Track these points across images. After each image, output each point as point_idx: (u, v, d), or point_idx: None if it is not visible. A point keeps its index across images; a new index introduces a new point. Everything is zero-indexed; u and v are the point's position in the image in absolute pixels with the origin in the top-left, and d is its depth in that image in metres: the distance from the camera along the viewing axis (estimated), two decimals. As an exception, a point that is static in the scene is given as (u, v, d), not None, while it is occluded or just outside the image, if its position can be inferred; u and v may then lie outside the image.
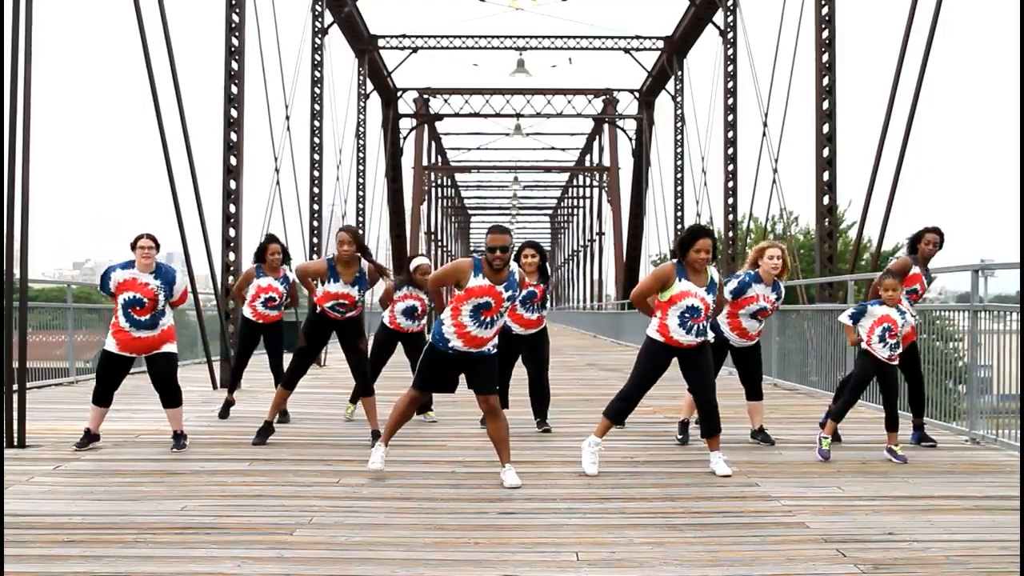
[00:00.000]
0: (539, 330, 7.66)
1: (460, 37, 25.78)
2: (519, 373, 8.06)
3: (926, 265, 7.07)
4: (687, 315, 5.77)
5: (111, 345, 6.63)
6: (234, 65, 12.85)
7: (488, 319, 5.55)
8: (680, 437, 7.07)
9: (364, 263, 7.02)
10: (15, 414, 6.85)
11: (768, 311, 6.93)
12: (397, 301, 8.07)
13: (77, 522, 4.61)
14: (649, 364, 5.92)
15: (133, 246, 6.67)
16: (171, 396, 6.74)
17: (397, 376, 9.25)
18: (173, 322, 6.86)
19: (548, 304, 7.71)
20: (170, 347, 6.75)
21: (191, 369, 13.82)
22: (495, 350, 5.73)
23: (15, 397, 7.01)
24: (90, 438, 6.73)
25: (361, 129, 26.05)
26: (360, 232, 7.16)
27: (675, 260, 5.92)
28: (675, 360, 6.00)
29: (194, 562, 3.95)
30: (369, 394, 7.12)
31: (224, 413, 8.54)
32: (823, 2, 13.55)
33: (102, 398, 6.72)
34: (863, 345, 6.45)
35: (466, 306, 5.53)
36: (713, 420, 5.90)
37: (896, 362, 6.44)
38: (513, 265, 5.69)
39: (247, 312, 8.50)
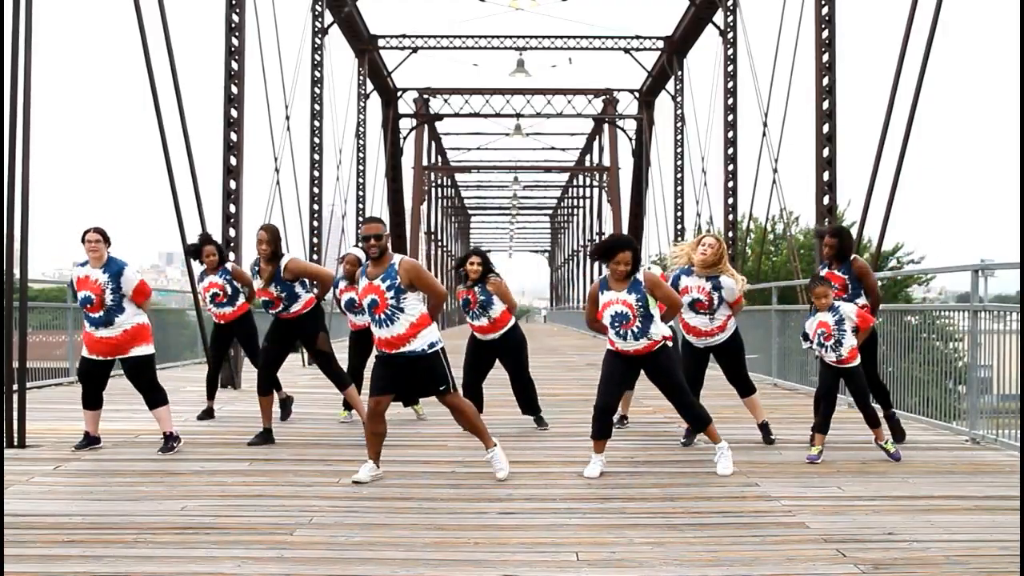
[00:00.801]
0: (504, 332, 7.63)
1: (460, 37, 25.78)
2: (500, 376, 8.05)
3: (835, 261, 6.98)
4: (616, 322, 5.78)
5: (84, 349, 6.65)
6: (234, 65, 12.84)
7: (380, 316, 5.58)
8: (684, 440, 7.03)
9: (282, 262, 7.12)
10: (15, 414, 6.85)
11: (703, 302, 6.77)
12: (338, 297, 8.19)
13: (77, 522, 4.61)
14: (605, 370, 5.97)
15: (82, 240, 6.58)
16: (152, 398, 6.66)
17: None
18: (144, 322, 6.67)
19: (496, 305, 7.52)
20: (140, 350, 6.59)
21: (191, 369, 13.82)
22: (431, 349, 5.64)
23: (15, 397, 7.01)
24: (90, 440, 6.71)
25: (361, 129, 26.06)
26: (277, 230, 7.25)
27: (600, 276, 6.03)
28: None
29: (194, 562, 3.95)
30: (347, 385, 7.35)
31: (202, 418, 8.43)
32: (823, 2, 13.54)
33: (89, 401, 6.70)
34: (816, 353, 6.56)
35: (365, 308, 5.70)
36: (696, 418, 5.96)
37: (853, 361, 6.41)
38: (397, 257, 5.63)
39: (209, 316, 8.72)
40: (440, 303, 5.81)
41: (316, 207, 20.05)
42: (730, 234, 19.45)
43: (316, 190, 20.05)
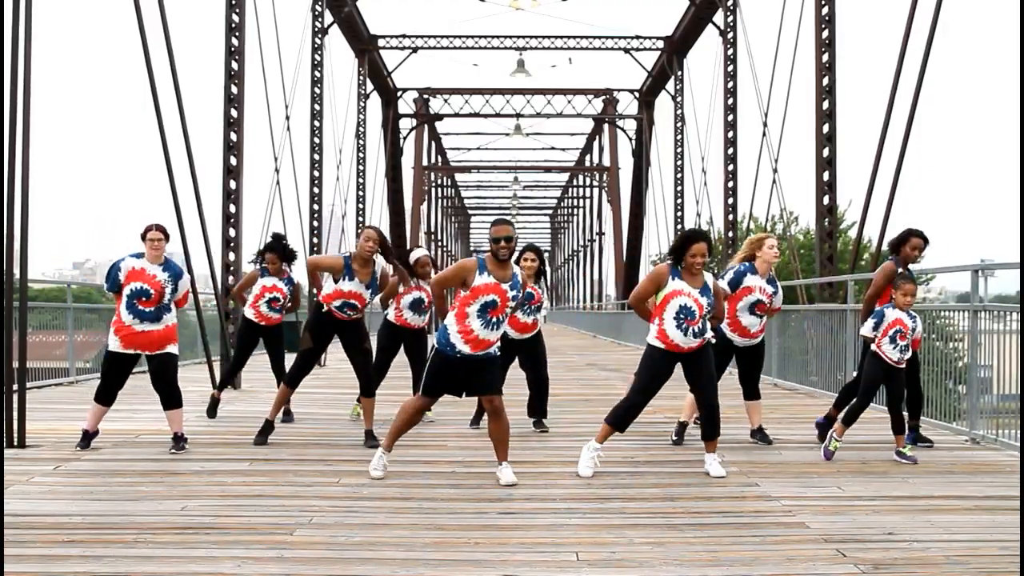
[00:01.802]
0: (534, 334, 7.68)
1: (460, 37, 25.79)
2: (517, 376, 8.06)
3: (907, 268, 6.98)
4: (681, 316, 5.71)
5: (114, 344, 6.59)
6: (234, 65, 12.84)
7: (494, 319, 5.56)
8: (675, 438, 7.06)
9: (378, 266, 6.96)
10: (15, 414, 6.85)
11: (765, 304, 6.85)
12: (403, 294, 8.01)
13: (77, 522, 4.61)
14: (651, 372, 5.87)
15: (143, 236, 6.67)
16: (171, 397, 6.72)
17: (398, 376, 9.23)
18: (176, 322, 6.85)
19: (545, 308, 7.65)
20: (172, 348, 6.73)
21: (191, 369, 13.82)
22: (499, 352, 5.75)
23: (15, 397, 7.01)
24: (89, 437, 6.73)
25: (361, 129, 26.06)
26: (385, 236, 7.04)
27: (669, 261, 5.90)
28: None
29: (194, 562, 3.95)
30: (370, 395, 7.08)
31: (212, 412, 8.48)
32: (823, 2, 13.55)
33: (105, 396, 6.71)
34: (873, 347, 6.40)
35: (472, 307, 5.51)
36: (714, 423, 5.87)
37: (903, 366, 6.41)
38: (514, 266, 5.69)
39: (249, 313, 8.46)
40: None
41: (316, 207, 20.05)
42: (730, 234, 19.45)
43: (316, 190, 20.04)
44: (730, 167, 19.40)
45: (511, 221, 5.75)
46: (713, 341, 6.00)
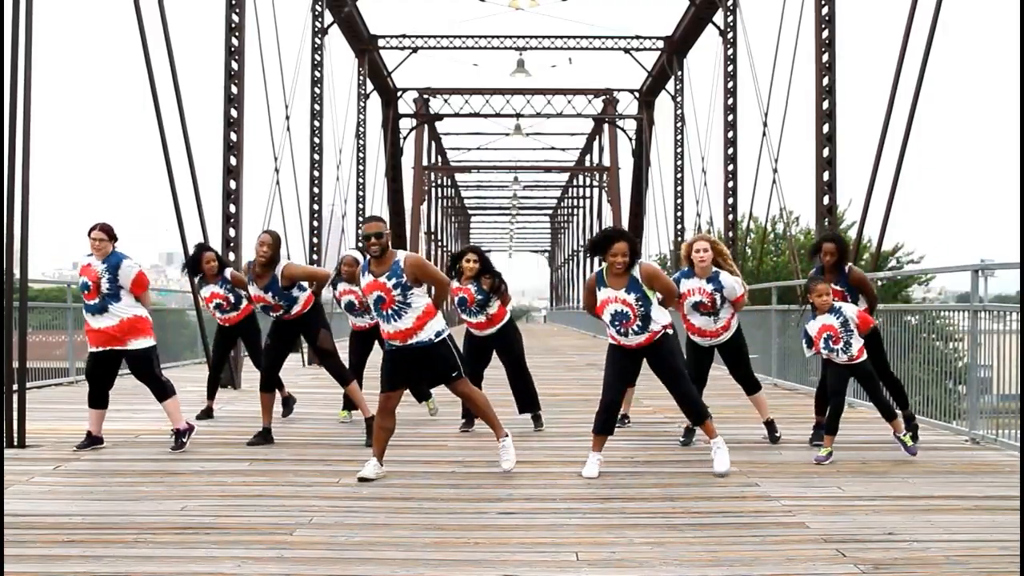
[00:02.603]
0: (500, 327, 7.59)
1: (460, 37, 25.77)
2: (500, 376, 8.04)
3: (833, 271, 6.94)
4: (616, 322, 5.78)
5: (88, 345, 6.70)
6: (234, 65, 12.84)
7: (385, 312, 5.64)
8: (683, 440, 7.03)
9: (278, 268, 7.10)
10: (15, 414, 6.85)
11: (706, 303, 6.75)
12: (339, 298, 8.12)
13: (77, 522, 4.61)
14: (611, 367, 5.96)
15: (88, 235, 6.67)
16: (157, 390, 6.71)
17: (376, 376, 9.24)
18: (142, 314, 6.66)
19: (494, 302, 7.48)
20: (138, 342, 6.62)
21: (191, 369, 13.82)
22: (438, 338, 5.72)
23: (15, 397, 7.01)
24: (92, 440, 6.72)
25: (361, 129, 26.05)
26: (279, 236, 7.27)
27: (598, 268, 5.95)
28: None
29: (194, 562, 3.95)
30: (346, 383, 7.32)
31: (201, 417, 8.40)
32: (823, 2, 13.54)
33: (95, 399, 6.70)
34: (824, 355, 6.49)
35: (369, 304, 5.76)
36: (694, 410, 5.92)
37: (861, 358, 6.40)
38: (400, 254, 5.68)
39: (217, 319, 8.68)
40: (445, 293, 5.90)
41: (316, 207, 20.05)
42: (730, 234, 19.44)
43: (316, 190, 20.05)
44: (730, 167, 19.39)
45: (380, 218, 5.82)
46: (669, 332, 5.90)
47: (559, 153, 44.41)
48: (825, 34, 13.51)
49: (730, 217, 19.48)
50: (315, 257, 19.97)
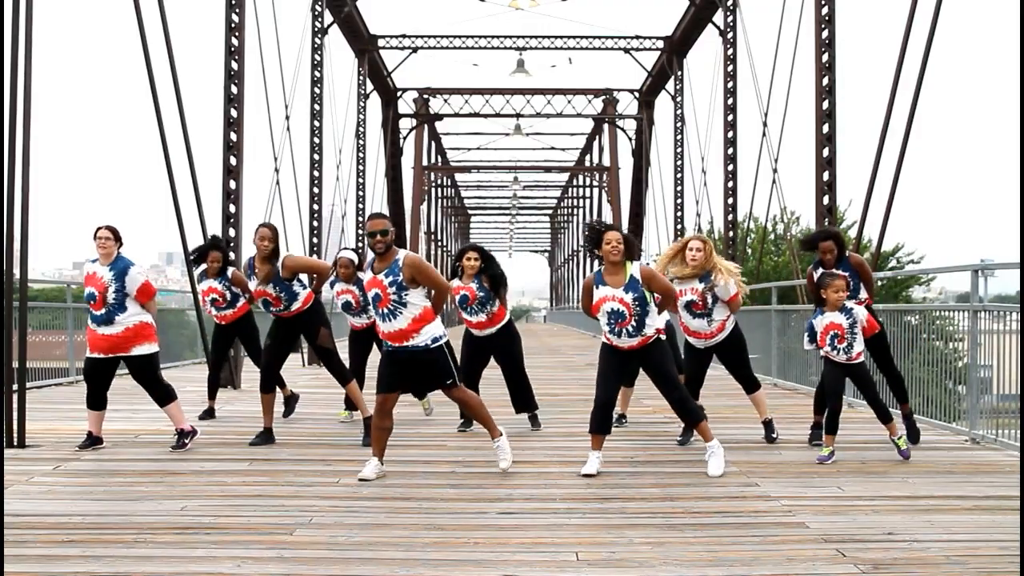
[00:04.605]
0: (499, 328, 7.57)
1: (460, 37, 25.75)
2: (497, 375, 8.04)
3: (835, 265, 6.86)
4: (612, 321, 5.79)
5: (87, 348, 6.67)
6: (234, 65, 12.84)
7: (383, 311, 5.62)
8: (681, 439, 7.05)
9: (279, 260, 7.11)
10: (15, 414, 6.85)
11: (698, 303, 6.71)
12: (337, 296, 8.12)
13: (77, 522, 4.61)
14: (603, 367, 5.97)
15: (94, 237, 6.64)
16: (159, 395, 6.70)
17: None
18: (147, 320, 6.65)
19: (496, 301, 7.47)
20: (142, 348, 6.60)
21: (191, 369, 13.82)
22: (435, 344, 5.70)
23: (15, 397, 7.01)
24: (93, 440, 6.72)
25: (361, 129, 26.03)
26: (277, 229, 7.28)
27: (597, 268, 5.96)
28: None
29: (194, 562, 3.95)
30: (346, 382, 7.31)
31: (203, 418, 8.42)
32: (823, 2, 13.54)
33: (93, 401, 6.71)
34: (822, 352, 6.47)
35: (368, 302, 5.78)
36: (687, 412, 5.92)
37: (860, 359, 6.40)
38: (401, 252, 5.67)
39: (214, 318, 8.67)
40: (444, 297, 5.85)
41: (316, 207, 20.04)
42: (730, 234, 19.44)
43: (316, 190, 20.03)
44: (730, 167, 19.39)
45: (385, 215, 5.86)
46: (662, 337, 5.94)
47: (559, 153, 44.41)
48: (825, 34, 13.50)
49: (730, 217, 19.48)
50: (315, 257, 19.95)
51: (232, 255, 12.58)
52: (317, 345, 7.37)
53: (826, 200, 13.54)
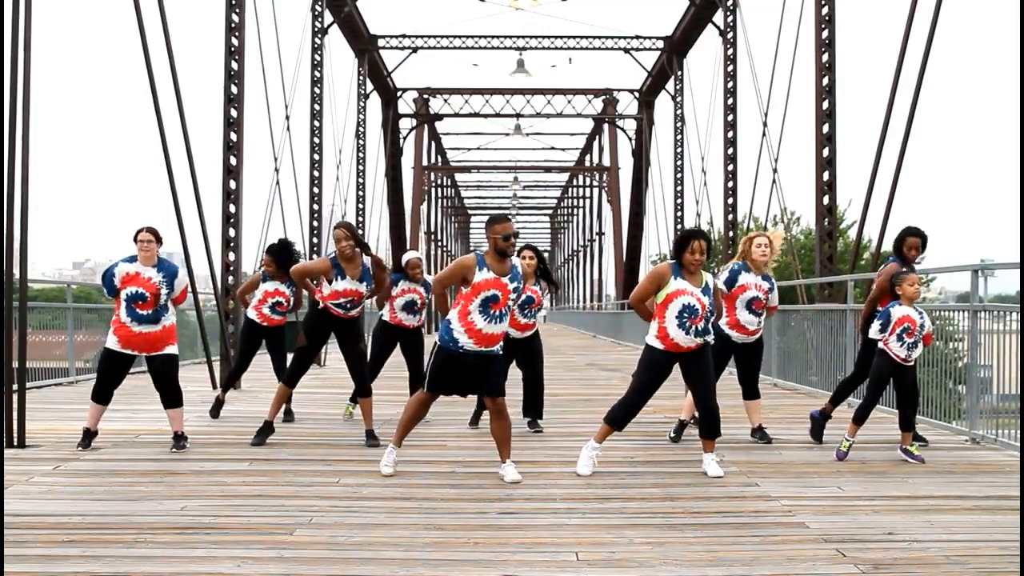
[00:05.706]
0: (532, 333, 7.70)
1: (460, 37, 25.77)
2: (514, 375, 8.04)
3: (910, 267, 6.97)
4: (685, 314, 5.71)
5: (112, 342, 6.62)
6: (234, 65, 12.84)
7: (496, 313, 5.59)
8: (673, 436, 7.09)
9: (365, 257, 7.04)
10: (15, 414, 6.85)
11: (761, 301, 6.87)
12: (396, 297, 8.04)
13: (77, 522, 4.61)
14: (650, 372, 5.87)
15: (135, 239, 6.68)
16: (172, 397, 6.74)
17: (396, 376, 9.24)
18: (175, 321, 6.85)
19: (544, 308, 7.66)
20: (171, 348, 6.74)
21: (191, 369, 13.82)
22: (502, 351, 5.77)
23: (15, 397, 7.01)
24: (89, 436, 6.73)
25: (361, 129, 26.04)
26: (356, 226, 7.21)
27: (671, 261, 5.92)
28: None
29: (194, 562, 3.95)
30: (367, 395, 7.12)
31: (215, 412, 8.50)
32: (823, 2, 13.54)
33: (102, 395, 6.73)
34: (880, 344, 6.39)
35: (474, 303, 5.57)
36: (713, 425, 5.85)
37: (912, 363, 6.38)
38: (515, 259, 5.72)
39: (252, 315, 8.44)
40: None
41: (316, 207, 20.03)
42: (730, 234, 19.44)
43: (316, 190, 20.02)
44: (730, 167, 19.39)
45: (509, 216, 5.86)
46: (711, 342, 6.00)
47: (559, 153, 44.44)
48: (825, 34, 13.51)
49: (730, 217, 19.48)
50: (314, 257, 19.95)
51: (232, 255, 12.62)
52: (356, 348, 7.17)
53: (826, 200, 13.53)
